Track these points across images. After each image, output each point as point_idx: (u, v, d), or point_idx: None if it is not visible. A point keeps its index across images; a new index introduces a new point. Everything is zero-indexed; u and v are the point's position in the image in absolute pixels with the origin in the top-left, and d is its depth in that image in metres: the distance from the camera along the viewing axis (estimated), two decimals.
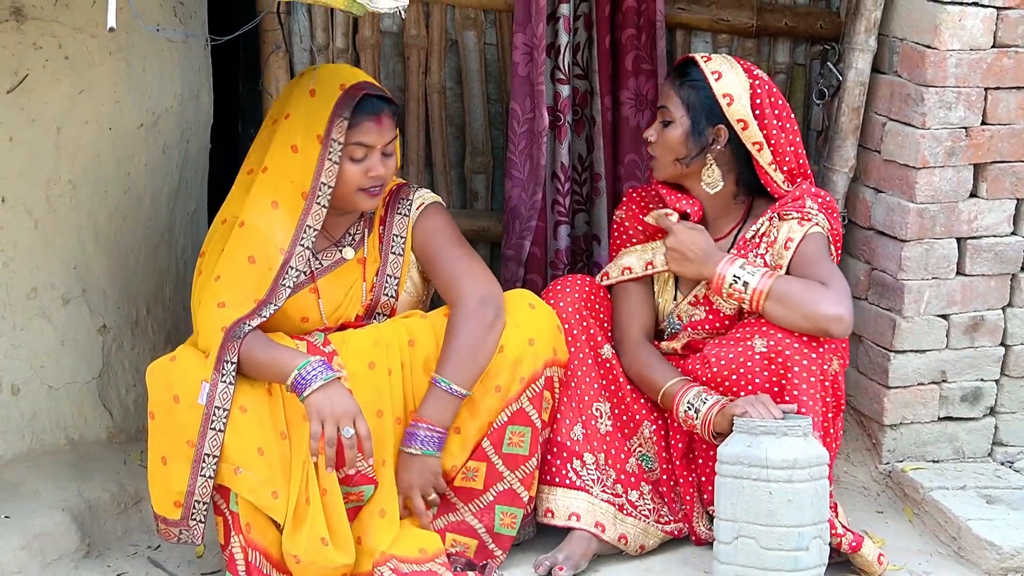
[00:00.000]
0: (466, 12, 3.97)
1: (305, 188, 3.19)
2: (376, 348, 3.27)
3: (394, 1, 2.82)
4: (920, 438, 3.82)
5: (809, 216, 3.40)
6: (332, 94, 3.21)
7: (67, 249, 3.51)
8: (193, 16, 3.76)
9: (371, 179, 3.25)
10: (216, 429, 3.08)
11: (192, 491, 3.09)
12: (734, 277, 3.33)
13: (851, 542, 3.30)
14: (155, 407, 3.12)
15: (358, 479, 3.21)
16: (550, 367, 3.34)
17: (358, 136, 3.21)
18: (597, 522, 3.39)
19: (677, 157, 3.45)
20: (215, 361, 3.09)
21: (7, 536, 3.17)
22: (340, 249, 3.35)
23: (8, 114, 3.34)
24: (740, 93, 3.42)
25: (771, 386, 3.31)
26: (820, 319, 3.27)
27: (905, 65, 3.73)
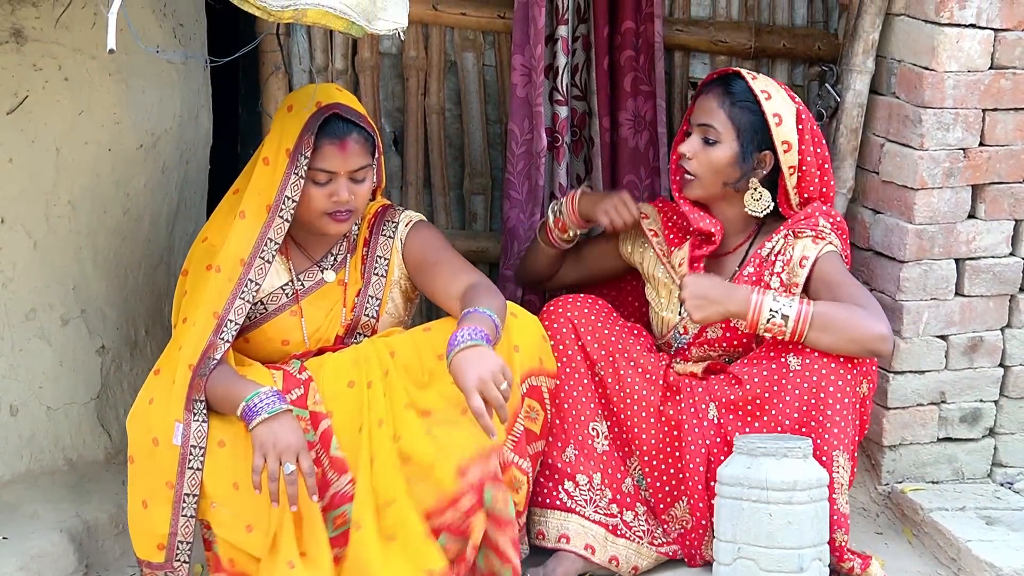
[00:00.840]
0: (465, 34, 3.98)
1: (269, 201, 3.18)
2: (355, 366, 3.23)
3: (393, 23, 2.83)
4: (919, 459, 3.82)
5: (823, 235, 3.40)
6: (307, 110, 3.20)
7: (66, 269, 3.51)
8: (193, 37, 3.77)
9: (334, 204, 3.22)
10: (194, 468, 3.08)
11: (175, 531, 3.09)
12: (771, 312, 3.26)
13: (861, 566, 3.30)
14: (134, 451, 3.11)
15: (338, 500, 3.15)
16: (535, 376, 3.29)
17: (319, 161, 3.19)
18: (587, 544, 3.39)
19: (726, 181, 3.42)
20: (184, 401, 3.08)
21: (5, 557, 3.16)
22: (321, 271, 3.33)
23: (8, 135, 3.34)
24: (787, 115, 3.40)
25: (803, 405, 3.29)
26: (868, 341, 3.26)
27: (903, 86, 3.74)
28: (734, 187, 3.44)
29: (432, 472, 3.09)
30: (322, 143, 3.19)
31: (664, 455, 3.43)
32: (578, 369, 3.42)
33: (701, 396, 3.40)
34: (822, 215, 3.44)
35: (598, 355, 3.44)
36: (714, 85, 3.45)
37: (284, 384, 3.20)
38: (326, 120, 3.18)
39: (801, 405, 3.30)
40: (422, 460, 3.11)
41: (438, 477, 3.09)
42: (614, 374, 3.43)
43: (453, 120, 4.04)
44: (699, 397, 3.40)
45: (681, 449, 3.40)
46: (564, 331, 3.42)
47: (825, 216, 3.44)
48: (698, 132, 3.43)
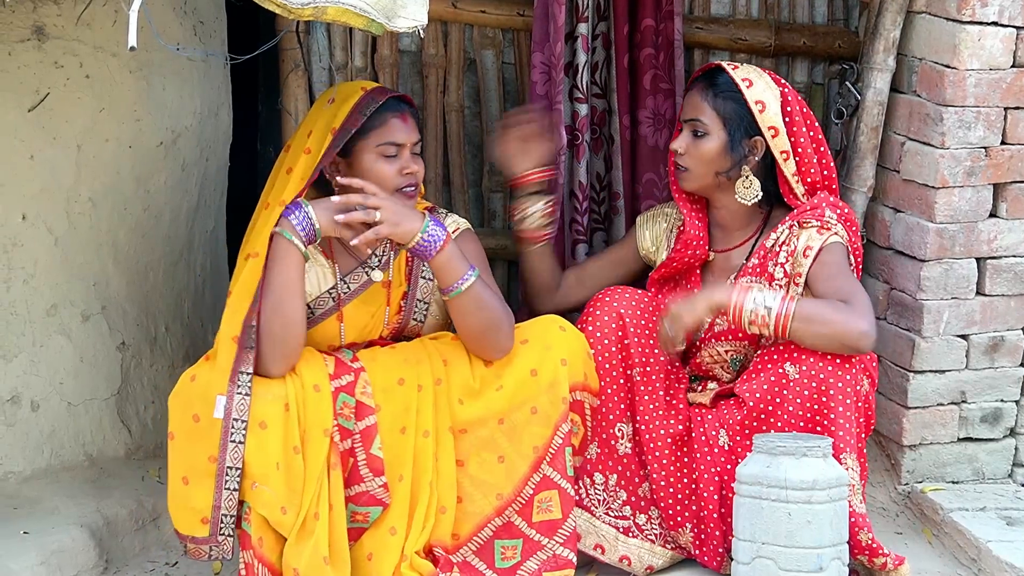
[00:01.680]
0: (484, 31, 3.98)
1: (317, 157, 3.19)
2: (406, 365, 3.27)
3: (413, 20, 2.83)
4: (939, 459, 3.81)
5: (828, 225, 3.39)
6: (352, 96, 3.25)
7: (87, 266, 3.52)
8: (213, 35, 3.78)
9: (406, 177, 3.28)
10: (236, 441, 3.08)
11: (219, 505, 3.09)
12: (754, 303, 3.27)
13: (895, 560, 3.29)
14: (175, 427, 3.12)
15: (367, 500, 3.21)
16: (579, 391, 3.33)
17: (389, 134, 3.25)
18: (596, 544, 3.38)
19: (718, 171, 3.44)
20: (230, 373, 3.09)
21: (26, 552, 3.18)
22: (367, 271, 3.34)
23: (29, 132, 3.36)
24: (771, 100, 3.43)
25: (807, 412, 3.28)
26: (848, 337, 3.25)
27: (924, 85, 3.72)
28: (727, 176, 3.46)
29: (463, 507, 3.27)
30: (386, 117, 3.25)
31: (676, 479, 3.40)
32: (616, 367, 3.39)
33: (711, 423, 3.40)
34: (829, 206, 3.43)
35: (639, 357, 3.40)
36: (698, 81, 3.50)
37: (336, 369, 3.22)
38: (381, 102, 3.24)
39: (805, 413, 3.29)
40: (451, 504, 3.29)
41: (469, 511, 3.28)
42: (647, 383, 3.41)
43: (472, 118, 4.04)
44: (709, 425, 3.40)
45: (693, 479, 3.39)
46: (610, 324, 3.39)
47: (832, 207, 3.43)
48: (687, 128, 3.47)
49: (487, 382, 3.30)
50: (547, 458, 3.28)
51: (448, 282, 3.24)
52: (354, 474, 3.20)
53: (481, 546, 3.28)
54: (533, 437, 3.28)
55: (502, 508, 3.28)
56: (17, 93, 3.32)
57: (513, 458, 3.28)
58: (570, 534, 3.29)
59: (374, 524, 3.22)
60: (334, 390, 3.20)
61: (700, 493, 3.38)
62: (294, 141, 3.31)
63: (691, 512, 3.39)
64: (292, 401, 3.14)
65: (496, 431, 3.28)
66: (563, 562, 3.27)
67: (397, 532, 3.21)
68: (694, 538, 3.40)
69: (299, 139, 3.28)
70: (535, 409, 3.27)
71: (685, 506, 3.40)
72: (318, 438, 3.15)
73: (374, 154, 3.24)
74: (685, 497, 3.40)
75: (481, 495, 3.28)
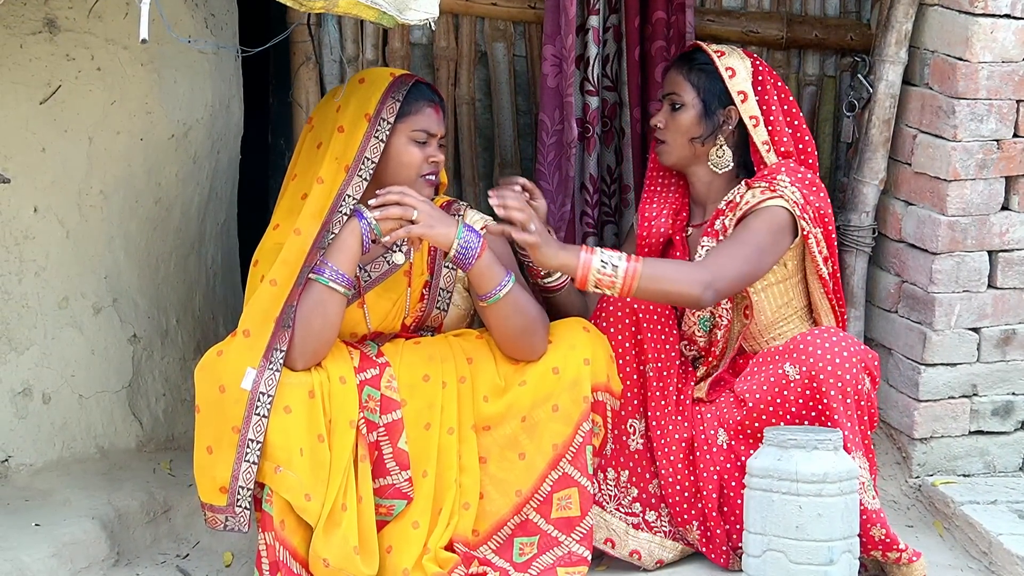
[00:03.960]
0: (496, 24, 3.98)
1: (348, 161, 3.21)
2: (431, 362, 3.29)
3: (424, 13, 2.83)
4: (951, 452, 3.80)
5: (776, 188, 3.39)
6: (383, 80, 3.27)
7: (98, 259, 3.53)
8: (224, 28, 3.78)
9: (432, 164, 3.31)
10: (260, 415, 3.10)
11: (236, 475, 3.10)
12: (602, 262, 3.21)
13: (912, 555, 3.29)
14: (201, 400, 3.13)
15: (392, 493, 3.23)
16: (602, 391, 3.34)
17: (422, 122, 3.28)
18: (607, 539, 3.39)
19: (692, 137, 3.48)
20: (265, 349, 3.10)
21: (38, 544, 3.19)
22: (389, 256, 3.34)
23: (40, 125, 3.36)
24: (741, 68, 3.49)
25: (810, 412, 3.29)
26: (683, 297, 3.26)
27: (936, 77, 3.71)
28: (702, 143, 3.49)
29: (483, 505, 3.28)
30: (421, 105, 3.28)
31: (683, 476, 3.40)
32: (630, 363, 3.40)
33: (710, 422, 3.40)
34: (788, 172, 3.43)
35: (652, 354, 3.40)
36: (677, 60, 3.59)
37: (360, 363, 3.24)
38: (413, 86, 3.27)
39: (807, 413, 3.29)
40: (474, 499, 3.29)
41: (488, 510, 3.28)
42: (660, 379, 3.41)
43: (483, 110, 4.04)
44: (708, 423, 3.40)
45: (696, 475, 3.39)
46: (623, 320, 3.40)
47: (791, 172, 3.43)
48: (666, 102, 3.54)
49: (510, 380, 3.32)
50: (567, 456, 3.29)
51: (485, 289, 3.25)
52: (380, 467, 3.21)
53: (501, 544, 3.30)
54: (553, 435, 3.29)
55: (520, 506, 3.29)
56: (29, 86, 3.33)
57: (533, 455, 3.29)
58: (587, 531, 3.30)
59: (396, 517, 3.23)
60: (359, 383, 3.21)
61: (702, 492, 3.38)
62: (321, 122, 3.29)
63: (696, 510, 3.40)
64: (317, 390, 3.15)
65: (518, 428, 3.30)
66: (577, 559, 3.28)
67: (419, 526, 3.22)
68: (700, 535, 3.40)
69: (327, 121, 3.27)
70: (556, 407, 3.28)
71: (691, 503, 3.40)
72: (344, 429, 3.16)
73: (406, 138, 3.27)
74: (691, 495, 3.40)
75: (500, 494, 3.29)
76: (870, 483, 3.30)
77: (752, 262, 3.34)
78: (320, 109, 3.35)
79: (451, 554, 3.24)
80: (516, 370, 3.31)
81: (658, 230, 3.55)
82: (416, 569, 3.19)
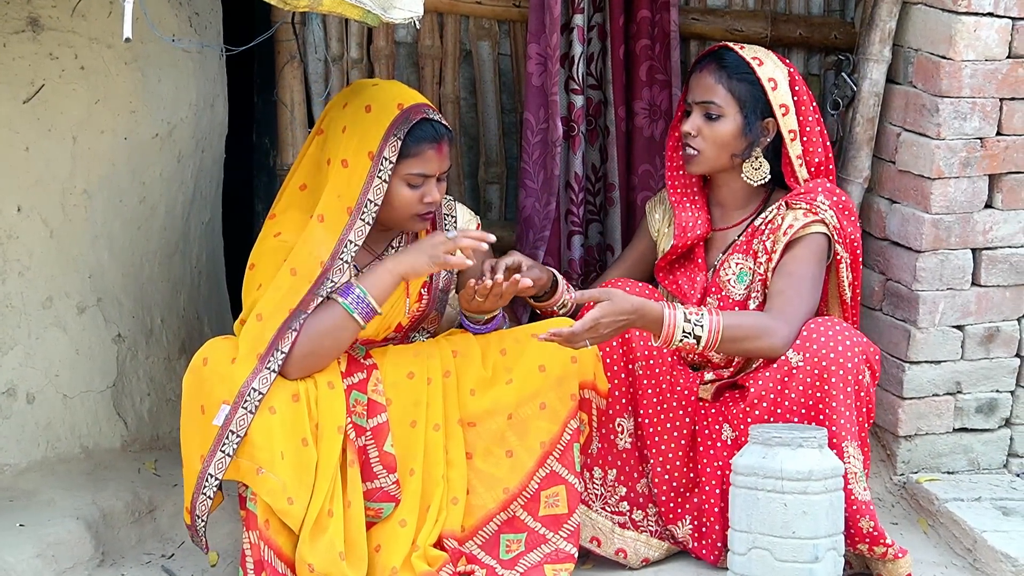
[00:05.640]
0: (480, 22, 3.97)
1: (351, 204, 3.18)
2: (416, 359, 3.29)
3: (408, 12, 2.83)
4: (935, 449, 3.81)
5: (816, 211, 3.40)
6: (388, 112, 3.20)
7: (82, 258, 3.52)
8: (208, 27, 3.77)
9: (426, 205, 3.26)
10: (247, 410, 3.08)
11: (194, 506, 3.11)
12: (683, 333, 3.25)
13: (897, 551, 3.29)
14: (183, 410, 3.13)
15: (379, 496, 3.23)
16: (588, 389, 3.34)
17: (419, 166, 3.22)
18: (593, 537, 3.39)
19: (733, 153, 3.45)
20: (242, 386, 3.08)
21: (22, 544, 3.18)
22: (383, 262, 3.33)
23: (24, 124, 3.35)
24: (781, 79, 3.44)
25: (809, 400, 3.29)
26: (768, 351, 3.31)
27: (920, 76, 3.72)
28: (741, 157, 3.46)
29: (469, 500, 3.28)
30: (422, 148, 3.21)
31: (680, 472, 3.40)
32: (617, 362, 3.39)
33: (715, 417, 3.41)
34: (824, 192, 3.43)
35: (640, 352, 3.40)
36: (707, 61, 3.49)
37: (348, 367, 3.24)
38: (416, 123, 3.20)
39: (807, 400, 3.29)
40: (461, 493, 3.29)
41: (474, 504, 3.29)
42: (651, 377, 3.40)
43: (468, 109, 4.04)
44: (712, 419, 3.41)
45: (696, 472, 3.39)
46: None
47: (827, 194, 3.44)
48: (699, 110, 3.46)
49: (498, 374, 3.32)
50: (555, 454, 3.30)
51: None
52: (367, 471, 3.21)
53: (487, 540, 3.30)
54: (540, 432, 3.29)
55: (507, 503, 3.29)
56: (12, 85, 3.32)
57: (520, 453, 3.29)
58: (574, 529, 3.30)
59: (385, 518, 3.23)
60: (347, 387, 3.21)
61: (702, 487, 3.38)
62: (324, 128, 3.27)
63: (692, 505, 3.40)
64: (302, 394, 3.14)
65: (504, 425, 3.30)
66: (564, 556, 3.28)
67: (407, 524, 3.22)
68: (693, 531, 3.40)
69: (335, 135, 3.23)
70: (544, 404, 3.29)
71: (686, 498, 3.40)
72: (331, 435, 3.16)
73: (400, 179, 3.22)
74: (686, 490, 3.41)
75: (485, 489, 3.29)
76: (862, 475, 3.30)
77: (814, 297, 3.39)
78: (330, 113, 3.29)
79: (440, 552, 3.24)
80: (503, 365, 3.32)
81: (693, 238, 3.51)
82: (405, 568, 3.19)
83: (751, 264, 3.44)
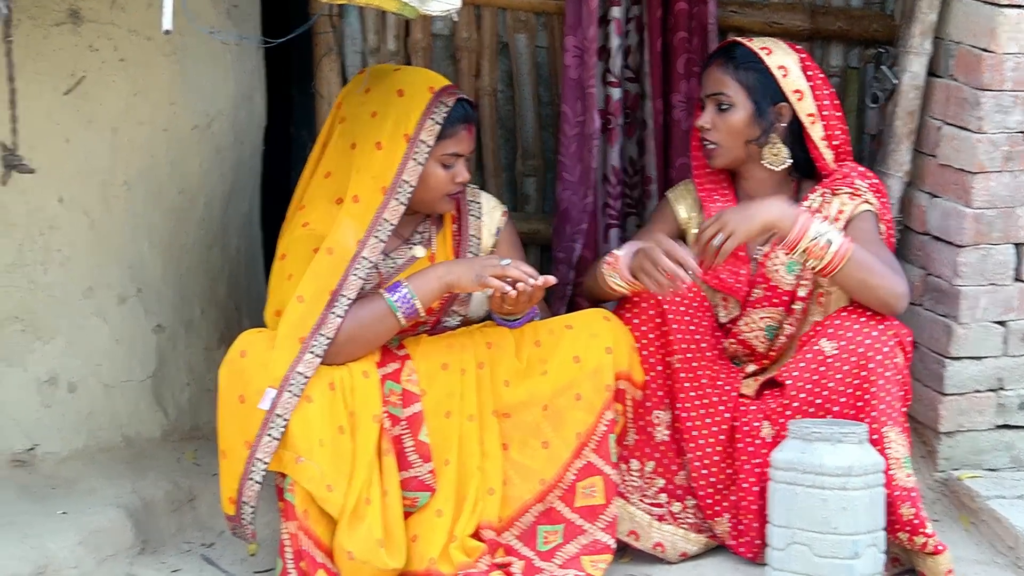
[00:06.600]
0: (517, 15, 3.97)
1: (386, 183, 3.21)
2: (450, 350, 3.30)
3: (446, 4, 2.82)
4: (977, 446, 3.78)
5: (859, 193, 3.43)
6: (422, 96, 3.24)
7: (122, 249, 3.54)
8: (247, 19, 3.78)
9: (457, 185, 3.32)
10: (292, 393, 3.10)
11: (241, 492, 3.12)
12: (817, 233, 3.24)
13: (937, 544, 3.26)
14: (222, 402, 3.14)
15: (415, 485, 3.24)
16: (623, 380, 3.34)
17: (453, 146, 3.28)
18: (631, 531, 3.39)
19: (747, 140, 3.45)
20: (287, 370, 3.10)
21: (64, 532, 3.20)
22: (411, 247, 3.36)
23: (64, 115, 3.37)
24: (792, 64, 3.45)
25: (848, 388, 3.27)
26: (890, 294, 3.29)
27: (961, 69, 3.69)
28: (757, 144, 3.46)
29: (506, 491, 3.30)
30: (457, 128, 3.27)
31: (718, 469, 3.39)
32: (654, 354, 3.38)
33: (754, 415, 3.39)
34: (858, 175, 3.46)
35: (679, 345, 3.38)
36: (716, 56, 3.52)
37: (382, 357, 3.25)
38: (451, 105, 3.25)
39: (845, 388, 3.28)
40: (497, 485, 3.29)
41: (510, 495, 3.29)
42: (689, 371, 3.39)
43: (505, 102, 4.03)
44: (752, 415, 3.39)
45: (734, 468, 3.38)
46: (648, 311, 3.38)
47: (861, 176, 3.46)
48: (711, 103, 3.48)
49: (532, 365, 3.32)
50: (591, 444, 3.29)
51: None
52: (402, 460, 3.22)
53: (524, 531, 3.30)
54: (576, 423, 3.29)
55: (543, 494, 3.29)
56: (53, 76, 3.34)
57: (556, 444, 3.29)
58: (611, 520, 3.30)
59: (421, 507, 3.24)
60: (381, 377, 3.22)
61: (740, 484, 3.37)
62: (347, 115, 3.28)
63: (729, 503, 3.39)
64: (338, 382, 3.16)
65: (540, 417, 3.30)
66: (601, 547, 3.28)
67: (443, 514, 3.23)
68: (731, 528, 3.39)
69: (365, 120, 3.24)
70: (579, 395, 3.29)
71: (724, 495, 3.39)
72: (367, 424, 3.17)
73: (436, 161, 3.27)
74: (724, 487, 3.39)
75: (522, 480, 3.29)
76: (906, 460, 3.27)
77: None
78: (348, 100, 3.32)
79: (478, 542, 3.24)
80: (538, 356, 3.32)
81: None
82: (442, 558, 3.19)
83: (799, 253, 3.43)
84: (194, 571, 3.30)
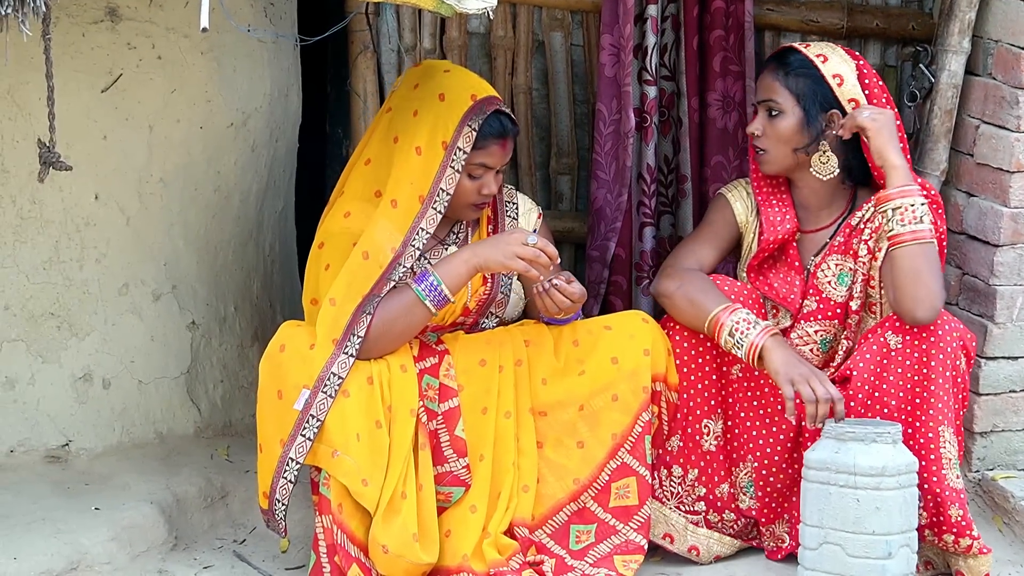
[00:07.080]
0: (553, 13, 3.97)
1: (423, 192, 3.21)
2: (488, 347, 3.31)
3: (482, 2, 2.82)
4: (1011, 446, 3.76)
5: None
6: (462, 102, 3.23)
7: (158, 246, 3.56)
8: (283, 17, 3.80)
9: (482, 196, 3.30)
10: (327, 394, 3.12)
11: (275, 490, 3.14)
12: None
13: (982, 546, 3.24)
14: (261, 395, 3.16)
15: (450, 480, 3.25)
16: (659, 382, 3.34)
17: (483, 157, 3.26)
18: (666, 533, 3.38)
19: (795, 147, 3.42)
20: (321, 371, 3.12)
21: (97, 527, 3.22)
22: (446, 247, 3.37)
23: (102, 113, 3.40)
24: (848, 73, 3.40)
25: (907, 383, 3.26)
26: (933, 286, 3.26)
27: (1000, 67, 3.66)
28: (806, 152, 3.42)
29: (539, 488, 3.29)
30: (489, 141, 3.25)
31: (779, 469, 3.38)
32: (709, 363, 3.37)
33: None
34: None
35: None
36: (769, 62, 3.49)
37: (420, 352, 3.26)
38: (490, 115, 3.24)
39: (905, 383, 3.26)
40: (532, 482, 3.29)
41: (544, 493, 3.29)
42: (749, 379, 3.38)
43: (540, 100, 4.03)
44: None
45: (797, 470, 3.34)
46: None
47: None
48: (762, 108, 3.45)
49: (570, 365, 3.33)
50: (626, 446, 3.29)
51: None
52: (438, 455, 3.23)
53: (556, 530, 3.30)
54: (612, 424, 3.29)
55: (577, 493, 3.30)
56: (90, 74, 3.36)
57: (591, 444, 3.30)
58: (644, 521, 3.30)
59: (455, 503, 3.25)
60: (419, 372, 3.23)
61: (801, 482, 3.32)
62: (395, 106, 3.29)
63: (791, 503, 3.38)
64: (376, 377, 3.17)
65: (576, 416, 3.31)
66: (634, 547, 3.28)
67: (477, 510, 3.23)
68: (790, 528, 3.38)
69: (407, 119, 3.25)
70: (616, 396, 3.29)
71: (785, 496, 3.38)
72: (404, 418, 3.18)
73: (464, 170, 3.25)
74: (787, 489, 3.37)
75: (556, 479, 3.30)
76: (956, 462, 3.26)
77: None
78: (398, 92, 3.32)
79: (511, 540, 3.24)
80: (575, 356, 3.32)
81: (784, 232, 3.46)
82: (475, 554, 3.20)
83: (851, 264, 3.40)
84: (226, 567, 3.31)
